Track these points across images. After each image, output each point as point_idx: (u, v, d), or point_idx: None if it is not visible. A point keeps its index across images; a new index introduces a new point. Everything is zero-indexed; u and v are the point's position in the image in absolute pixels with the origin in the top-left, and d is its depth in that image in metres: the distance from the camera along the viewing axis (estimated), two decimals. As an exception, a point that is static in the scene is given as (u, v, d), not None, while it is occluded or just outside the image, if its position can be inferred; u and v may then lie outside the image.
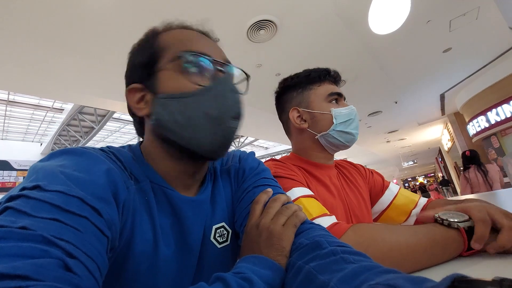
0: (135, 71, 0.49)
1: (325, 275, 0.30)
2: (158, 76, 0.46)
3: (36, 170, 0.34)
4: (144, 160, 0.48)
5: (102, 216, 0.33)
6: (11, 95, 7.68)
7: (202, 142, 0.44)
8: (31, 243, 0.25)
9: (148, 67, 0.47)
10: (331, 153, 0.86)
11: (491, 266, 0.46)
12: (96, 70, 3.34)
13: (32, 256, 0.24)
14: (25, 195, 0.30)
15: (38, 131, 10.66)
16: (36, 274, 0.22)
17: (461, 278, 0.20)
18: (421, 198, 0.87)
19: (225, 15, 2.62)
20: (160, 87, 0.45)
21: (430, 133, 10.46)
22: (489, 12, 3.25)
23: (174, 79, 0.45)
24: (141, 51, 0.49)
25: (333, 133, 0.81)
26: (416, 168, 23.86)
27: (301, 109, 0.85)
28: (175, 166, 0.48)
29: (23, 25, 2.47)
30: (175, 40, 0.48)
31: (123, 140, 11.17)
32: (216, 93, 0.44)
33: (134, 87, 0.48)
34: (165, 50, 0.47)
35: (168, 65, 0.46)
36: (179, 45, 0.46)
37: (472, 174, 3.23)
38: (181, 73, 0.45)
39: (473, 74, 5.30)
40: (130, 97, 0.48)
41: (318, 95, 0.84)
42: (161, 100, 0.44)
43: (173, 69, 0.45)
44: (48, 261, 0.24)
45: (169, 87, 0.45)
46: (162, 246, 0.43)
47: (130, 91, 0.48)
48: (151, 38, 0.49)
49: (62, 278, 0.24)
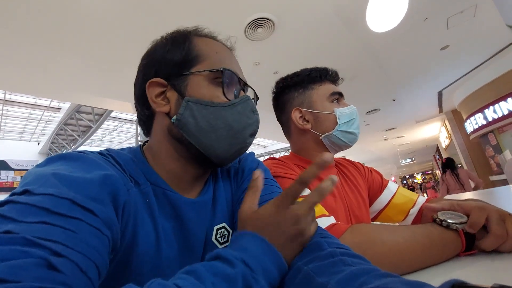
0: (163, 66, 0.48)
1: (323, 277, 0.30)
2: (190, 79, 0.47)
3: (29, 175, 0.34)
4: (146, 162, 0.48)
5: (98, 216, 0.32)
6: (8, 94, 7.63)
7: (218, 151, 0.47)
8: (11, 246, 0.24)
9: (180, 67, 0.47)
10: (333, 153, 0.86)
11: (487, 266, 0.46)
12: (93, 69, 3.31)
13: (9, 259, 0.23)
14: (13, 201, 0.29)
15: (36, 131, 10.59)
16: (12, 275, 0.22)
17: (460, 284, 0.19)
18: (419, 197, 0.87)
19: (223, 12, 2.61)
20: (189, 90, 0.47)
21: (428, 131, 10.50)
22: (486, 10, 3.25)
23: (206, 87, 0.47)
24: (174, 49, 0.49)
25: (337, 133, 0.80)
26: (414, 166, 23.97)
27: (303, 109, 0.83)
28: (182, 167, 0.49)
29: (19, 24, 2.45)
30: (211, 52, 0.50)
31: (121, 139, 11.12)
32: (240, 110, 0.48)
33: (157, 81, 0.48)
34: (202, 57, 0.48)
35: (203, 73, 0.47)
36: (216, 58, 0.49)
37: (447, 176, 4.27)
38: (213, 84, 0.48)
39: (470, 71, 5.31)
40: (150, 90, 0.48)
41: (320, 95, 0.82)
42: (189, 103, 0.45)
43: (206, 78, 0.47)
44: (27, 261, 0.23)
45: (199, 93, 0.46)
46: (165, 248, 0.43)
47: (152, 84, 0.48)
48: (186, 40, 0.50)
49: (42, 277, 0.23)
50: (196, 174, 0.50)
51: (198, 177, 0.51)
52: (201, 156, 0.47)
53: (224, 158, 0.48)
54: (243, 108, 0.49)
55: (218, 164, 0.49)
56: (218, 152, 0.47)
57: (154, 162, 0.49)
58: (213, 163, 0.48)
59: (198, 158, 0.48)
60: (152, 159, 0.49)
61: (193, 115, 0.45)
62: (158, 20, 2.56)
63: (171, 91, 0.47)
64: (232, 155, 0.49)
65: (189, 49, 0.48)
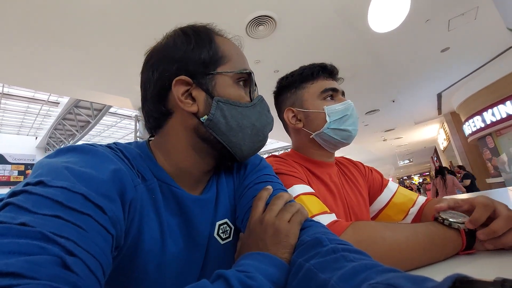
0: (189, 65, 0.46)
1: (326, 273, 0.30)
2: (217, 79, 0.47)
3: (42, 166, 0.34)
4: (152, 157, 0.48)
5: (106, 214, 0.32)
6: (6, 87, 7.58)
7: (244, 148, 0.49)
8: (28, 240, 0.24)
9: (207, 67, 0.47)
10: (330, 151, 0.85)
11: (488, 264, 0.46)
12: (93, 64, 3.29)
13: (28, 253, 0.23)
14: (28, 191, 0.29)
15: (33, 125, 10.55)
16: (30, 272, 0.22)
17: (462, 278, 0.20)
18: (419, 197, 0.87)
19: (224, 10, 2.60)
20: (218, 90, 0.47)
21: (426, 132, 10.54)
22: (487, 13, 3.26)
23: (232, 87, 0.49)
24: (200, 47, 0.47)
25: (328, 131, 0.79)
26: (412, 167, 24.07)
27: (295, 108, 0.84)
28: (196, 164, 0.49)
29: (20, 17, 2.43)
30: (234, 53, 0.51)
31: (120, 135, 11.10)
32: (260, 110, 0.51)
33: (184, 79, 0.46)
34: (227, 59, 0.49)
35: (229, 73, 0.48)
36: (237, 59, 0.51)
37: (437, 180, 5.50)
38: (238, 84, 0.50)
39: (470, 74, 5.33)
40: (177, 88, 0.46)
41: (311, 93, 0.82)
42: (219, 103, 0.46)
43: (232, 78, 0.49)
44: (44, 258, 0.23)
45: (227, 93, 0.47)
46: (170, 244, 0.43)
47: (178, 82, 0.46)
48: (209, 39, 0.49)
49: (58, 277, 0.23)
50: (206, 170, 0.51)
51: (206, 173, 0.52)
52: (226, 154, 0.49)
53: (247, 154, 0.51)
54: (262, 108, 0.52)
55: (240, 160, 0.51)
56: (244, 149, 0.49)
57: (163, 159, 0.48)
58: (236, 159, 0.50)
59: (221, 155, 0.50)
60: (161, 155, 0.49)
61: (223, 115, 0.46)
62: (159, 16, 2.54)
63: (197, 90, 0.46)
64: (254, 151, 0.52)
65: (216, 50, 0.48)
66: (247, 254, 0.38)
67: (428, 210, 0.81)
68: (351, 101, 0.82)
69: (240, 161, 0.52)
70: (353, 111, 0.81)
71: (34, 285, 0.21)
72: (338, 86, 0.84)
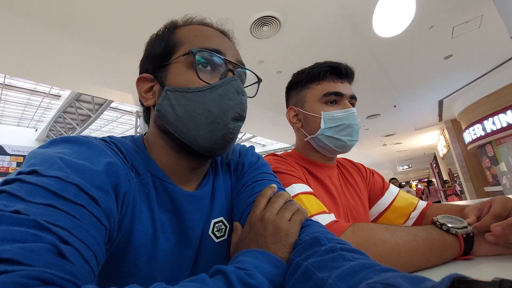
0: (149, 61, 0.49)
1: (324, 272, 0.30)
2: (169, 69, 0.47)
3: (35, 155, 0.33)
4: (146, 152, 0.48)
5: (100, 205, 0.32)
6: (7, 78, 7.56)
7: (199, 139, 0.44)
8: (22, 228, 0.24)
9: (161, 59, 0.47)
10: (326, 155, 0.83)
11: (486, 268, 0.46)
12: (96, 58, 3.29)
13: (22, 241, 0.23)
14: (21, 179, 0.29)
15: (34, 117, 10.52)
16: (26, 258, 0.22)
17: (460, 278, 0.20)
18: (420, 201, 0.87)
19: (229, 9, 2.60)
20: (168, 79, 0.46)
21: (427, 139, 10.53)
22: (491, 21, 3.26)
23: (183, 73, 0.45)
24: (157, 42, 0.49)
25: (322, 137, 0.77)
26: (410, 173, 24.04)
27: (297, 108, 0.84)
28: (175, 159, 0.48)
29: (23, 7, 2.43)
30: (191, 35, 0.48)
31: (120, 130, 11.07)
32: (221, 93, 0.44)
33: (145, 77, 0.49)
34: (180, 44, 0.47)
35: (180, 59, 0.46)
36: (194, 41, 0.47)
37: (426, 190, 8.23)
38: (191, 68, 0.45)
39: (472, 82, 5.33)
40: (140, 86, 0.49)
41: (313, 95, 0.80)
42: (166, 92, 0.45)
43: (184, 64, 0.46)
44: (39, 246, 0.23)
45: (176, 81, 0.45)
46: (161, 240, 0.43)
47: (140, 80, 0.49)
48: (169, 31, 0.50)
49: (53, 264, 0.23)
50: (190, 167, 0.49)
51: (194, 169, 0.50)
52: (185, 147, 0.45)
53: (208, 147, 0.44)
54: (225, 90, 0.44)
55: (205, 154, 0.46)
56: (200, 141, 0.44)
57: (151, 154, 0.49)
58: (199, 153, 0.46)
59: (184, 149, 0.46)
60: (150, 150, 0.49)
61: (170, 104, 0.44)
62: (163, 13, 2.54)
63: (157, 84, 0.48)
64: (216, 143, 0.44)
65: (169, 39, 0.48)
66: (246, 251, 0.38)
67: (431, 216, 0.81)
68: (355, 110, 0.77)
69: (209, 156, 0.47)
70: (353, 120, 0.76)
71: (29, 271, 0.21)
72: (347, 91, 0.80)
